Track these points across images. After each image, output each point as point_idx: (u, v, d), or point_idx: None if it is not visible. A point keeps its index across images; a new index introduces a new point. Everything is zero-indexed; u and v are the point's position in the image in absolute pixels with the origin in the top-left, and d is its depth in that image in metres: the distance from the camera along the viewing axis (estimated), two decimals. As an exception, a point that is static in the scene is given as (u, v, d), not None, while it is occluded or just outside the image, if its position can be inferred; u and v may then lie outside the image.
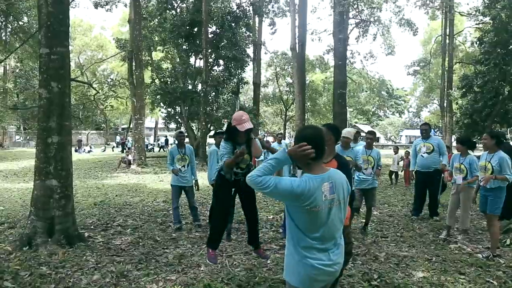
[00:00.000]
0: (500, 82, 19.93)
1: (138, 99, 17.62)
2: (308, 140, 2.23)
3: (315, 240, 2.25)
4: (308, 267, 2.25)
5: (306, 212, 2.20)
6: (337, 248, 2.34)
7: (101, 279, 4.30)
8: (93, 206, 8.47)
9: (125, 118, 48.91)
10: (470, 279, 4.31)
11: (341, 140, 5.31)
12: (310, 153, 2.20)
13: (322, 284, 2.32)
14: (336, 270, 2.33)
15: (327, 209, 2.23)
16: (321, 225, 2.24)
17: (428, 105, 63.59)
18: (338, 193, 2.28)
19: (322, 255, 2.26)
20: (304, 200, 2.17)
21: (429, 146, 7.06)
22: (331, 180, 2.26)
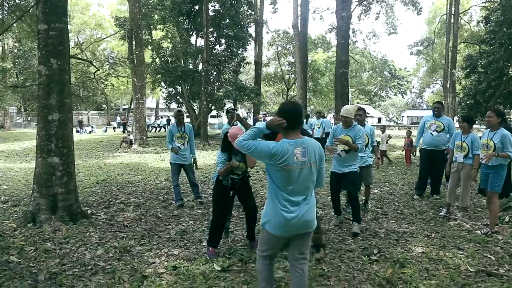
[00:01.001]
0: (504, 62, 19.70)
1: (139, 78, 17.50)
2: (284, 112, 2.75)
3: (287, 194, 2.72)
4: (279, 217, 2.72)
5: (279, 170, 2.68)
6: (306, 204, 2.77)
7: (104, 254, 4.37)
8: (95, 185, 8.52)
9: (126, 98, 48.73)
10: (468, 254, 4.36)
11: (341, 119, 5.31)
12: (282, 123, 2.71)
13: (292, 232, 2.78)
14: (304, 222, 2.75)
15: (298, 169, 2.70)
16: (293, 182, 2.70)
17: (431, 86, 63.16)
18: (310, 157, 2.73)
19: (292, 208, 2.71)
20: (278, 159, 2.65)
21: (440, 124, 6.95)
22: (304, 146, 2.72)
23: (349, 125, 5.23)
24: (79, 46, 8.71)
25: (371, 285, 3.55)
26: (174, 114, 6.85)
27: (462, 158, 5.77)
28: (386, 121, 63.77)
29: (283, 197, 2.72)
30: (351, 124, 5.24)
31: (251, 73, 32.38)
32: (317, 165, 2.80)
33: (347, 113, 5.20)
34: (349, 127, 5.23)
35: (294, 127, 2.75)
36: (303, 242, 2.89)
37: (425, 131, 7.16)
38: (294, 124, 2.75)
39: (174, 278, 3.72)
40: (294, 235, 2.82)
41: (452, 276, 3.75)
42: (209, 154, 15.20)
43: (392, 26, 34.03)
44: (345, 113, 5.20)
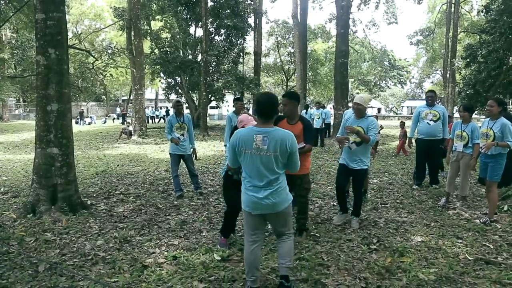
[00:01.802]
0: (504, 52, 19.59)
1: (138, 69, 17.42)
2: (256, 103, 2.98)
3: (250, 177, 2.98)
4: (246, 196, 3.02)
5: (241, 153, 2.95)
6: (269, 188, 2.94)
7: (104, 244, 4.39)
8: (95, 176, 8.53)
9: (125, 89, 48.56)
10: (467, 243, 4.38)
11: (352, 107, 5.07)
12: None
13: (260, 211, 3.01)
14: (267, 204, 2.95)
15: (257, 155, 2.89)
16: (252, 166, 2.93)
17: (431, 76, 62.94)
18: (271, 146, 2.87)
19: (254, 189, 2.97)
20: (239, 144, 2.93)
21: (435, 113, 6.92)
22: (266, 135, 2.87)
23: (361, 115, 4.89)
24: (77, 36, 8.60)
25: (370, 274, 3.57)
26: (173, 104, 6.83)
27: (462, 148, 5.77)
28: (385, 112, 63.68)
29: (247, 179, 3.02)
30: (364, 114, 4.90)
31: (250, 64, 32.19)
32: (279, 156, 2.91)
33: (361, 100, 4.86)
34: (362, 117, 4.90)
35: (263, 116, 2.96)
36: (277, 221, 3.14)
37: (420, 121, 7.08)
38: (263, 114, 2.96)
39: (174, 267, 3.73)
40: (266, 214, 3.06)
41: (451, 265, 3.76)
42: (209, 145, 15.20)
43: (393, 15, 33.80)
44: (359, 100, 4.87)
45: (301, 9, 20.73)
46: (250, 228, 3.14)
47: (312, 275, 3.49)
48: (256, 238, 3.14)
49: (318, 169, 9.34)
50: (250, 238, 3.14)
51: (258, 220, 3.10)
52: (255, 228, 3.14)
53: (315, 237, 4.55)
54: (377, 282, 3.41)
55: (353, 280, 3.44)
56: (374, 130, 4.77)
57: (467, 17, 35.27)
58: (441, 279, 3.47)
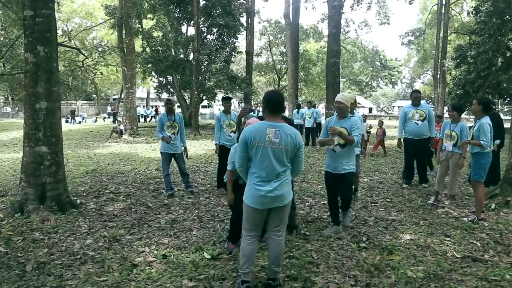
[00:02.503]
0: (494, 53, 19.83)
1: (129, 67, 17.31)
2: (267, 99, 3.12)
3: (259, 171, 3.04)
4: (253, 191, 3.06)
5: (254, 147, 3.01)
6: (278, 181, 3.05)
7: (94, 243, 4.35)
8: (85, 175, 8.46)
9: (116, 88, 48.18)
10: (455, 240, 4.43)
11: (334, 106, 4.97)
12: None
13: (265, 205, 3.07)
14: (275, 196, 3.03)
15: (270, 148, 3.00)
16: (264, 159, 3.01)
17: (422, 76, 63.43)
18: (283, 140, 3.00)
19: (263, 183, 3.04)
20: (252, 138, 3.00)
21: (422, 113, 6.98)
22: (278, 129, 3.01)
23: (343, 114, 4.62)
24: (67, 34, 8.50)
25: (360, 272, 3.59)
26: (164, 102, 6.81)
27: (451, 147, 5.83)
28: (377, 111, 64.05)
29: (256, 174, 3.07)
30: (345, 113, 4.62)
31: (242, 63, 32.16)
32: (289, 150, 3.05)
33: (342, 99, 4.60)
34: (344, 117, 4.62)
35: (273, 112, 3.09)
36: (278, 215, 3.18)
37: (407, 121, 7.10)
38: (274, 110, 3.09)
39: (164, 266, 3.71)
40: (270, 209, 3.11)
41: (439, 262, 3.80)
42: (200, 144, 15.16)
43: (385, 16, 34.02)
44: (340, 99, 4.60)
45: (293, 8, 20.77)
46: (252, 225, 3.18)
47: (301, 273, 3.50)
48: (256, 233, 3.21)
49: (309, 168, 9.36)
50: (250, 234, 3.18)
51: (262, 216, 3.15)
52: (257, 225, 3.19)
53: (305, 235, 4.56)
54: (366, 279, 3.44)
55: (342, 278, 3.46)
56: (358, 130, 4.49)
57: (458, 19, 35.62)
58: (429, 277, 3.50)
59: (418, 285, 3.36)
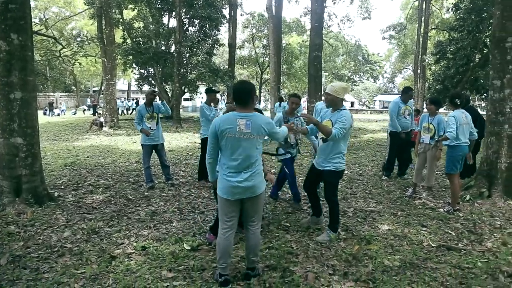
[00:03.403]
0: (472, 49, 20.24)
1: (109, 58, 16.99)
2: (234, 90, 3.12)
3: (230, 162, 3.04)
4: (224, 182, 3.06)
5: (224, 138, 3.00)
6: (249, 171, 3.06)
7: (71, 236, 4.29)
8: (63, 167, 8.30)
9: (96, 80, 47.28)
10: (431, 230, 4.54)
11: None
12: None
13: (237, 196, 3.07)
14: (246, 187, 3.04)
15: (241, 138, 2.99)
16: (236, 149, 3.01)
17: (403, 71, 64.32)
18: (254, 130, 3.01)
19: (234, 174, 3.04)
20: (223, 129, 2.98)
21: (409, 109, 7.33)
22: (248, 119, 3.00)
23: (333, 106, 4.16)
24: (44, 22, 8.19)
25: (338, 261, 3.65)
26: (148, 93, 6.65)
27: (429, 140, 5.95)
28: (359, 105, 64.76)
29: (227, 165, 3.07)
30: (337, 105, 4.13)
31: (225, 56, 31.94)
32: (259, 139, 3.09)
33: (330, 89, 4.11)
34: (337, 109, 4.13)
35: (241, 103, 3.08)
36: (252, 207, 3.18)
37: (397, 116, 7.28)
38: (241, 100, 3.08)
39: (143, 258, 3.69)
40: (243, 199, 3.11)
41: (415, 251, 3.89)
42: (182, 136, 15.05)
43: (366, 10, 34.28)
44: (327, 90, 4.16)
45: (276, 1, 20.69)
46: (226, 216, 3.15)
47: (281, 263, 3.53)
48: (231, 225, 3.17)
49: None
50: (225, 225, 3.15)
51: (235, 207, 3.14)
52: (231, 216, 3.16)
53: (285, 226, 4.60)
54: (344, 268, 3.49)
55: (321, 267, 3.50)
56: (340, 123, 3.96)
57: (438, 15, 36.17)
58: (405, 265, 3.59)
59: (394, 273, 3.43)
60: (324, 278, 3.30)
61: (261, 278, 3.24)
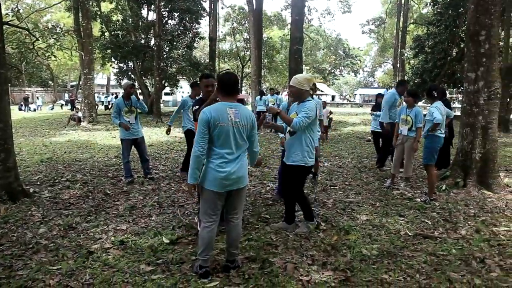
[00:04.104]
0: (449, 44, 20.65)
1: (86, 52, 16.62)
2: (220, 80, 3.12)
3: (222, 152, 3.01)
4: (215, 173, 3.00)
5: (217, 127, 2.96)
6: (238, 162, 3.06)
7: (47, 232, 4.19)
8: (40, 163, 8.11)
9: (74, 74, 46.29)
10: (408, 220, 4.63)
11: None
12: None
13: (227, 187, 3.04)
14: (236, 177, 3.03)
15: (232, 127, 2.99)
16: (228, 139, 3.00)
17: (383, 65, 65.20)
18: (242, 119, 3.04)
19: (225, 164, 3.01)
20: (216, 118, 2.95)
21: (400, 101, 7.36)
22: (237, 109, 3.03)
23: (300, 99, 4.02)
24: (16, 13, 7.86)
25: (317, 252, 3.68)
26: (126, 85, 6.48)
27: (407, 131, 6.05)
28: (339, 99, 65.33)
29: (219, 155, 3.02)
30: (301, 97, 3.99)
31: (206, 49, 31.72)
32: (247, 129, 3.09)
33: (293, 82, 4.00)
34: (303, 101, 3.99)
35: (228, 93, 3.09)
36: (238, 198, 3.18)
37: (392, 108, 7.23)
38: (229, 91, 3.08)
39: (121, 252, 3.64)
40: (229, 191, 3.09)
41: (392, 240, 3.96)
42: (162, 131, 14.88)
43: (347, 4, 34.52)
44: (291, 82, 4.05)
45: (256, -6, 20.60)
46: (212, 209, 3.09)
47: (260, 254, 3.54)
48: (216, 218, 3.14)
49: (271, 154, 9.44)
50: (210, 218, 3.10)
51: (222, 200, 3.11)
52: (217, 209, 3.12)
53: (265, 218, 4.61)
54: (323, 258, 3.53)
55: (300, 258, 3.52)
56: (303, 113, 3.83)
57: (416, 9, 36.71)
58: (383, 254, 3.64)
59: (372, 262, 3.48)
60: (303, 268, 3.32)
61: (240, 270, 3.24)
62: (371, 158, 8.85)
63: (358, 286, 3.03)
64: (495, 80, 5.90)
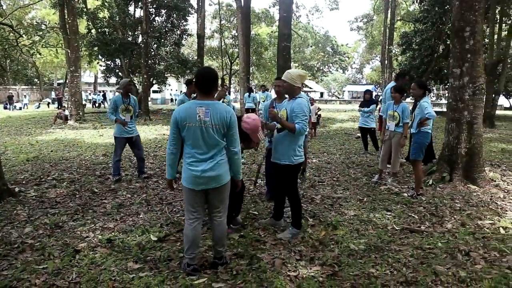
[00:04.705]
0: (436, 40, 20.84)
1: (72, 50, 16.39)
2: (197, 76, 3.03)
3: (193, 151, 2.99)
4: (188, 172, 3.02)
5: (185, 127, 2.94)
6: (212, 161, 3.00)
7: (33, 231, 4.14)
8: (26, 162, 7.99)
9: (61, 72, 45.62)
10: (395, 214, 4.68)
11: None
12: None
13: (201, 186, 3.02)
14: (209, 176, 2.99)
15: (201, 127, 2.92)
16: (197, 139, 2.95)
17: (371, 62, 65.64)
18: (213, 119, 2.93)
19: (197, 163, 2.99)
20: (183, 118, 2.93)
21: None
22: (208, 107, 2.93)
23: (291, 95, 3.88)
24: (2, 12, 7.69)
25: (305, 247, 3.70)
26: (124, 83, 6.39)
27: (394, 127, 6.11)
28: (328, 96, 65.60)
29: (190, 154, 3.01)
30: (290, 93, 3.88)
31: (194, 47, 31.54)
32: (221, 128, 2.97)
33: (286, 76, 3.85)
34: (293, 97, 3.86)
35: (204, 90, 3.00)
36: (218, 197, 3.14)
37: (388, 100, 7.24)
38: (204, 88, 3.00)
39: (109, 250, 3.61)
40: (208, 189, 3.07)
41: (380, 235, 4.00)
42: (150, 129, 14.79)
43: (334, 1, 34.62)
44: (283, 77, 3.88)
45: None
46: (192, 206, 3.11)
47: (248, 250, 3.55)
48: (197, 215, 3.13)
49: (260, 151, 9.42)
50: (191, 216, 3.12)
51: (200, 197, 3.10)
52: (197, 206, 3.12)
53: (253, 215, 4.62)
54: (311, 254, 3.55)
55: (288, 253, 3.54)
56: (299, 117, 3.69)
57: (404, 6, 37.01)
58: (370, 248, 3.68)
59: (359, 256, 3.51)
60: (291, 263, 3.34)
61: (228, 266, 3.24)
62: (359, 154, 8.92)
63: (345, 281, 3.06)
64: (480, 76, 5.98)
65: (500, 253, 3.59)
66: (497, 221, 4.46)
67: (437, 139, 10.46)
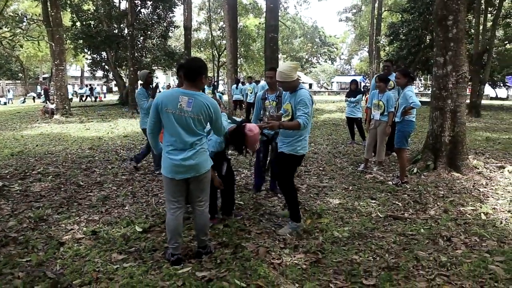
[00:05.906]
0: (423, 31, 20.98)
1: (57, 43, 16.10)
2: (182, 66, 3.13)
3: (172, 140, 2.96)
4: (167, 160, 3.01)
5: (165, 113, 2.93)
6: (192, 150, 2.97)
7: (17, 225, 4.10)
8: (10, 157, 7.87)
9: (47, 66, 44.86)
10: (380, 202, 4.74)
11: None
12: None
13: (183, 174, 3.01)
14: (189, 165, 2.97)
15: (182, 116, 2.91)
16: (176, 127, 2.92)
17: (359, 53, 65.77)
18: (195, 109, 2.92)
19: (176, 152, 2.97)
20: (163, 104, 2.92)
21: (392, 84, 7.09)
22: (192, 97, 2.92)
23: (293, 89, 3.77)
24: None
25: (290, 235, 3.72)
26: (144, 74, 6.26)
27: (379, 116, 6.16)
28: (317, 87, 65.69)
29: (169, 143, 3.00)
30: (291, 88, 3.78)
31: (181, 39, 31.24)
32: (203, 120, 2.97)
33: (282, 77, 3.71)
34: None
35: (188, 79, 2.99)
36: (198, 186, 3.13)
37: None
38: (189, 77, 2.98)
39: (93, 242, 3.60)
40: (189, 179, 3.06)
41: (364, 222, 4.05)
42: (137, 122, 14.63)
43: (322, -8, 34.40)
44: (280, 78, 3.73)
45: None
46: (172, 195, 3.11)
47: (233, 239, 3.56)
48: (178, 205, 3.13)
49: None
50: (172, 205, 3.12)
51: (180, 186, 3.09)
52: (177, 195, 3.12)
53: (239, 205, 4.63)
54: (295, 242, 3.58)
55: (272, 242, 3.56)
56: (302, 110, 3.61)
57: (391, -4, 37.08)
58: (354, 236, 3.72)
59: (343, 243, 3.56)
60: (275, 251, 3.36)
61: (212, 255, 3.26)
62: (346, 144, 8.98)
63: (328, 267, 3.10)
64: (463, 64, 6.04)
65: (480, 238, 3.67)
66: (479, 207, 4.55)
67: (423, 128, 10.57)
